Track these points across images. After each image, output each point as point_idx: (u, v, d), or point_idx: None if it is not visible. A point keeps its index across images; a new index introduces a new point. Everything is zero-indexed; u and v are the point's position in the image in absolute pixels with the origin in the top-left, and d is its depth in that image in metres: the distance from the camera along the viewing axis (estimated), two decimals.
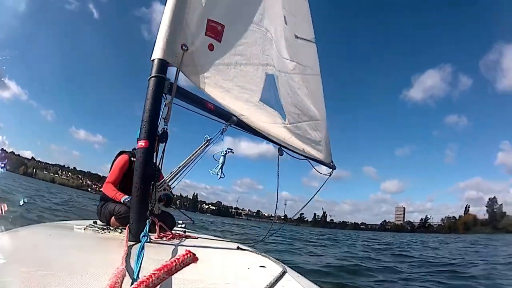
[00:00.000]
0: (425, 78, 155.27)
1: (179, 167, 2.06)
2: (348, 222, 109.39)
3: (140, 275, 0.81)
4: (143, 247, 0.98)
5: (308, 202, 3.09)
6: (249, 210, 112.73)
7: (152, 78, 1.68)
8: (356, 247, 12.53)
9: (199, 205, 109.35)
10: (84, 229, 1.88)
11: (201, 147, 2.04)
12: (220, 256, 1.60)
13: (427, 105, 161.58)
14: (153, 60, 1.71)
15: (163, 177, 2.08)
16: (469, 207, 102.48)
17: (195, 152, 2.04)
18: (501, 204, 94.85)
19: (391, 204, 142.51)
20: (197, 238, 2.11)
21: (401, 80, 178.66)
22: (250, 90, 2.19)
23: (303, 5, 2.75)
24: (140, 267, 0.85)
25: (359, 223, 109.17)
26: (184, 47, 1.82)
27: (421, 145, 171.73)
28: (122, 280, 0.68)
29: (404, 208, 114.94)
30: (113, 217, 2.19)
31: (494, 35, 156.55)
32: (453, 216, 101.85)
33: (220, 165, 2.06)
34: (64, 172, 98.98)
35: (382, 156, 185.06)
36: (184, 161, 2.04)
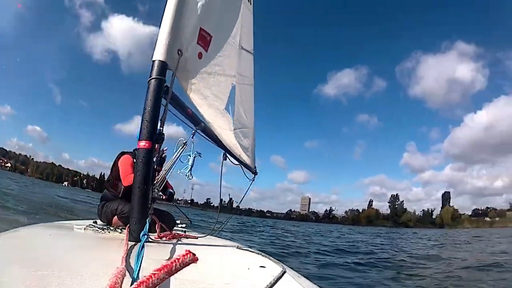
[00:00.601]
0: (341, 76, 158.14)
1: (165, 170, 2.14)
2: (254, 209, 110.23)
3: (140, 275, 0.81)
4: (143, 247, 0.98)
5: (242, 200, 3.33)
6: None
7: (153, 80, 1.70)
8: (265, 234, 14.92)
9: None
10: (84, 229, 1.88)
11: (180, 149, 2.16)
12: (220, 256, 1.60)
13: (340, 102, 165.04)
14: (154, 61, 1.73)
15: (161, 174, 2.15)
16: (372, 201, 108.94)
17: (176, 155, 2.15)
18: (403, 201, 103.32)
19: (297, 194, 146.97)
20: (197, 238, 2.11)
21: (317, 75, 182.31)
22: (220, 98, 2.33)
23: (249, 16, 2.88)
24: (140, 267, 0.85)
25: (264, 210, 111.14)
26: (179, 52, 1.86)
27: (330, 140, 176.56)
28: (122, 280, 0.68)
29: (310, 198, 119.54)
30: (115, 217, 2.19)
31: (413, 44, 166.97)
32: (357, 209, 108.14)
33: (190, 166, 2.17)
34: None
35: (291, 147, 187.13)
36: (169, 163, 2.13)
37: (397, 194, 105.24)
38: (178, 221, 2.74)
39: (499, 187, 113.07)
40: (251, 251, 1.69)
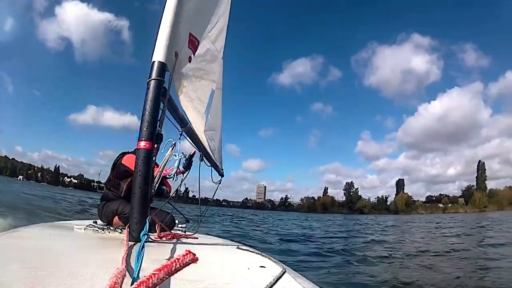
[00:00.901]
0: (296, 65, 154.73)
1: (158, 172, 2.15)
2: (210, 198, 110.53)
3: (140, 275, 0.81)
4: (143, 247, 0.98)
5: (213, 198, 3.46)
6: None
7: (153, 80, 1.71)
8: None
9: (61, 178, 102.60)
10: (84, 229, 1.88)
11: (170, 150, 2.18)
12: (220, 256, 1.60)
13: (294, 91, 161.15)
14: (153, 62, 1.74)
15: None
16: (327, 189, 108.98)
17: (168, 156, 2.17)
18: (357, 188, 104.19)
19: (253, 183, 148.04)
20: (197, 238, 2.12)
21: (272, 63, 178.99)
22: (203, 102, 2.40)
23: (224, 23, 2.94)
24: (140, 267, 0.85)
25: (221, 199, 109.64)
26: (176, 55, 1.88)
27: (285, 128, 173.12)
28: (122, 280, 0.68)
29: (265, 186, 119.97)
30: (116, 217, 2.19)
31: (369, 35, 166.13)
32: (312, 197, 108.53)
33: (176, 168, 2.22)
34: None
35: (246, 135, 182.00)
36: (162, 165, 2.15)
37: (352, 182, 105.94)
38: (177, 221, 2.74)
39: (452, 175, 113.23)
40: (251, 251, 1.69)
